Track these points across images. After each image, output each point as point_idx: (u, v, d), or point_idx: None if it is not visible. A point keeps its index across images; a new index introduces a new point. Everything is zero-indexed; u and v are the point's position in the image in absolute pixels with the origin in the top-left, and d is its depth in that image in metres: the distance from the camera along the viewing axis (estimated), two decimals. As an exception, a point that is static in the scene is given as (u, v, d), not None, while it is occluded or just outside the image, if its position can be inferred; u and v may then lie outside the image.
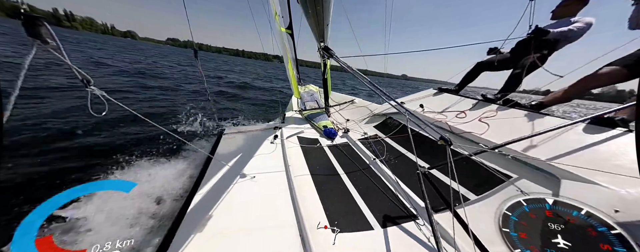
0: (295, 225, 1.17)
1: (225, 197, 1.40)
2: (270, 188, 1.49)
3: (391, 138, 2.19)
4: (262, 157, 1.95)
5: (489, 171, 1.35)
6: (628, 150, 1.15)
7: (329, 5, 2.13)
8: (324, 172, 1.73)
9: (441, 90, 2.78)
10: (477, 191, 1.28)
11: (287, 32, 3.66)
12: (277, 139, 2.28)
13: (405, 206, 1.28)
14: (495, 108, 1.98)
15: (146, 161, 2.80)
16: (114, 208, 1.81)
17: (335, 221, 1.21)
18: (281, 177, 1.60)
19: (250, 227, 1.17)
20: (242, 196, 1.41)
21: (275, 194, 1.43)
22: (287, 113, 3.57)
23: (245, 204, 1.34)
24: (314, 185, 1.55)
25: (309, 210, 1.28)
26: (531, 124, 1.64)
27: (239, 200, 1.38)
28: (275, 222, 1.20)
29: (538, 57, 2.12)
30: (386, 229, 1.14)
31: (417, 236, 1.08)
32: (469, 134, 1.75)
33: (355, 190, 1.49)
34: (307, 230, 1.09)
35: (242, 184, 1.53)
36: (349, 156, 1.96)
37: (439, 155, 1.64)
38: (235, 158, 1.92)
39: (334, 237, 1.10)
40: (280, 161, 1.84)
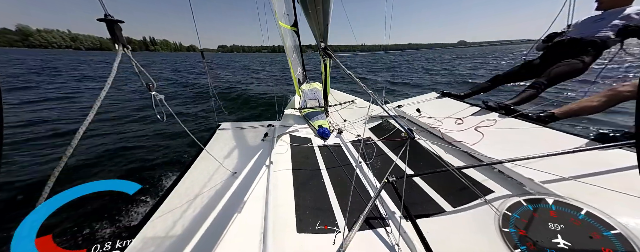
0: (261, 224, 1.19)
1: (201, 192, 1.46)
2: (247, 186, 1.51)
3: (383, 142, 2.15)
4: (249, 154, 1.97)
5: (466, 184, 1.31)
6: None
7: (328, 4, 2.08)
8: (307, 173, 1.72)
9: (444, 94, 2.69)
10: (454, 202, 1.25)
11: (293, 29, 3.64)
12: (267, 136, 2.29)
13: (379, 211, 1.27)
14: (496, 117, 1.90)
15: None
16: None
17: (302, 221, 1.23)
18: (262, 176, 1.61)
19: (215, 223, 1.21)
20: (217, 192, 1.46)
21: (250, 192, 1.44)
22: (287, 111, 3.57)
23: (217, 201, 1.38)
24: (293, 185, 1.55)
25: (279, 209, 1.30)
26: (531, 137, 1.56)
27: (212, 195, 1.43)
28: (242, 219, 1.23)
29: (579, 64, 1.77)
30: (355, 233, 1.14)
31: (383, 243, 1.08)
32: (460, 144, 1.68)
33: (334, 193, 1.48)
34: (269, 229, 1.10)
35: (222, 180, 1.58)
36: (337, 157, 1.94)
37: (430, 163, 1.59)
38: (222, 153, 1.97)
39: (330, 237, 1.11)
40: (266, 159, 1.85)
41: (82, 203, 2.13)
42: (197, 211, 1.33)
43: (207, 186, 1.53)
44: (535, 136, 1.58)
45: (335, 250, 0.85)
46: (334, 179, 1.64)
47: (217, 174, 1.65)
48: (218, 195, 1.45)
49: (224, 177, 1.63)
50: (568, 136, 1.48)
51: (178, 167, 3.20)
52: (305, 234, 1.16)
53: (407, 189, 1.32)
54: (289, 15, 3.48)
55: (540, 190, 1.17)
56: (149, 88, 1.07)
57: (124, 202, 2.25)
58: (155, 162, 3.29)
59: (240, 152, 2.03)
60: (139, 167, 3.13)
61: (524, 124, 1.72)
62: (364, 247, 1.06)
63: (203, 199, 1.42)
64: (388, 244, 1.07)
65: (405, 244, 1.04)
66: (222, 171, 1.67)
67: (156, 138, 4.24)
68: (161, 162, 3.30)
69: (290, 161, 1.87)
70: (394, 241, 1.08)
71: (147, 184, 2.72)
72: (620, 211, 0.98)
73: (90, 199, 2.22)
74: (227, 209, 1.32)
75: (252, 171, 1.69)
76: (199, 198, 1.42)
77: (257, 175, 1.62)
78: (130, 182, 1.54)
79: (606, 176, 1.17)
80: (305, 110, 3.30)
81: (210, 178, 1.60)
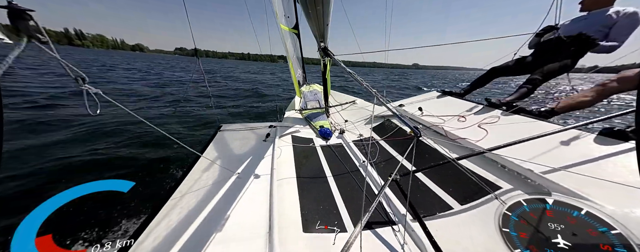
0: (266, 224, 1.18)
1: (204, 193, 1.44)
2: (251, 187, 1.51)
3: (386, 141, 2.14)
4: (252, 155, 1.96)
5: (473, 179, 1.31)
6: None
7: (329, 5, 2.10)
8: (310, 173, 1.72)
9: (444, 93, 2.70)
10: (462, 200, 1.25)
11: (293, 31, 3.66)
12: (269, 137, 2.29)
13: (386, 210, 1.26)
14: (499, 114, 1.89)
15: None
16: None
17: (308, 221, 1.22)
18: (265, 177, 1.60)
19: (220, 224, 1.20)
20: (220, 193, 1.44)
21: (254, 192, 1.44)
22: (287, 112, 3.57)
23: (221, 202, 1.37)
24: (297, 185, 1.55)
25: (285, 211, 1.29)
26: (534, 132, 1.57)
27: (216, 197, 1.41)
28: (247, 219, 1.22)
29: (567, 61, 1.89)
30: (360, 232, 1.13)
31: (390, 243, 1.07)
32: (464, 141, 1.68)
33: (338, 192, 1.47)
34: (275, 229, 1.10)
35: (225, 181, 1.57)
36: (340, 158, 1.94)
37: (434, 161, 1.59)
38: (224, 155, 1.96)
39: (335, 237, 1.10)
40: (269, 160, 1.84)
41: (82, 203, 2.12)
42: (201, 211, 1.31)
43: (210, 187, 1.52)
44: (539, 131, 1.57)
45: (341, 249, 0.84)
46: (338, 179, 1.63)
47: (220, 175, 1.64)
48: (222, 196, 1.44)
49: (227, 178, 1.62)
50: (571, 130, 1.47)
51: (181, 167, 3.19)
52: (311, 234, 1.15)
53: (413, 188, 1.32)
54: (290, 18, 3.51)
55: (541, 181, 1.18)
56: (80, 82, 0.92)
57: (125, 202, 2.24)
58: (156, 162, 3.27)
59: (243, 153, 2.02)
60: (139, 169, 3.12)
61: (527, 119, 1.72)
62: (371, 246, 1.05)
63: (207, 199, 1.41)
64: (395, 243, 1.06)
65: (414, 243, 1.03)
66: (225, 172, 1.66)
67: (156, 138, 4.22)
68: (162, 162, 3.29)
69: (293, 161, 1.86)
70: (401, 239, 1.07)
71: (148, 184, 2.71)
72: (621, 204, 0.97)
73: (90, 199, 2.20)
74: (231, 210, 1.31)
75: (255, 171, 1.68)
76: (203, 199, 1.41)
77: (260, 176, 1.61)
78: (124, 181, 1.55)
79: (607, 168, 1.16)
80: (306, 111, 3.30)
81: (213, 179, 1.59)
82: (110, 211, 2.12)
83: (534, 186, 1.22)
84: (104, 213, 2.09)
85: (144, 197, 2.36)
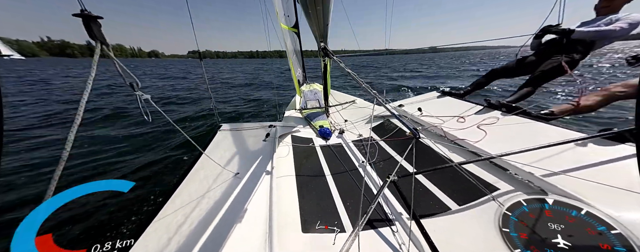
0: (266, 224, 1.18)
1: (204, 193, 1.45)
2: (250, 186, 1.51)
3: (385, 141, 2.14)
4: (251, 154, 1.97)
5: (472, 181, 1.31)
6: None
7: (329, 5, 2.09)
8: (310, 173, 1.71)
9: (444, 93, 2.69)
10: (460, 201, 1.25)
11: (293, 30, 3.66)
12: (269, 137, 2.29)
13: (385, 211, 1.26)
14: (499, 115, 1.89)
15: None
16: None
17: (307, 221, 1.22)
18: (265, 176, 1.61)
19: (220, 224, 1.21)
20: (220, 193, 1.45)
21: (254, 192, 1.44)
22: (287, 112, 3.56)
23: (221, 202, 1.38)
24: (296, 185, 1.55)
25: (285, 210, 1.29)
26: (533, 134, 1.56)
27: (216, 197, 1.42)
28: (246, 219, 1.22)
29: (567, 62, 1.88)
30: (359, 232, 1.14)
31: (388, 243, 1.07)
32: (463, 142, 1.68)
33: (337, 192, 1.47)
34: (275, 230, 1.10)
35: (225, 181, 1.57)
36: (340, 157, 1.94)
37: (434, 162, 1.59)
38: (224, 154, 1.96)
39: (334, 237, 1.10)
40: (269, 159, 1.84)
41: (82, 203, 2.13)
42: (200, 211, 1.32)
43: (209, 187, 1.52)
44: (538, 132, 1.57)
45: (340, 249, 0.85)
46: (337, 179, 1.63)
47: (220, 175, 1.64)
48: (221, 196, 1.44)
49: (227, 178, 1.62)
50: (570, 132, 1.47)
51: (179, 168, 3.19)
52: (310, 234, 1.15)
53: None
54: (289, 17, 3.50)
55: (542, 184, 1.17)
56: (133, 88, 1.01)
57: (125, 202, 2.25)
58: (156, 163, 3.28)
59: (242, 153, 2.02)
60: (139, 168, 3.13)
61: (526, 121, 1.72)
62: (369, 247, 1.05)
63: (206, 199, 1.41)
64: (394, 244, 1.06)
65: (412, 244, 1.03)
66: (225, 172, 1.66)
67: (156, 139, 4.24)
68: (162, 162, 3.30)
69: (293, 161, 1.86)
70: (400, 240, 1.07)
71: (148, 184, 2.71)
72: (621, 208, 0.97)
73: (90, 199, 2.22)
74: (230, 210, 1.31)
75: (255, 171, 1.68)
76: (202, 199, 1.41)
77: (259, 176, 1.62)
78: (124, 181, 1.55)
79: (607, 172, 1.16)
80: (305, 111, 3.29)
81: (212, 179, 1.60)
82: (110, 211, 2.12)
83: (534, 188, 1.22)
84: (104, 213, 2.10)
85: (144, 197, 2.37)
